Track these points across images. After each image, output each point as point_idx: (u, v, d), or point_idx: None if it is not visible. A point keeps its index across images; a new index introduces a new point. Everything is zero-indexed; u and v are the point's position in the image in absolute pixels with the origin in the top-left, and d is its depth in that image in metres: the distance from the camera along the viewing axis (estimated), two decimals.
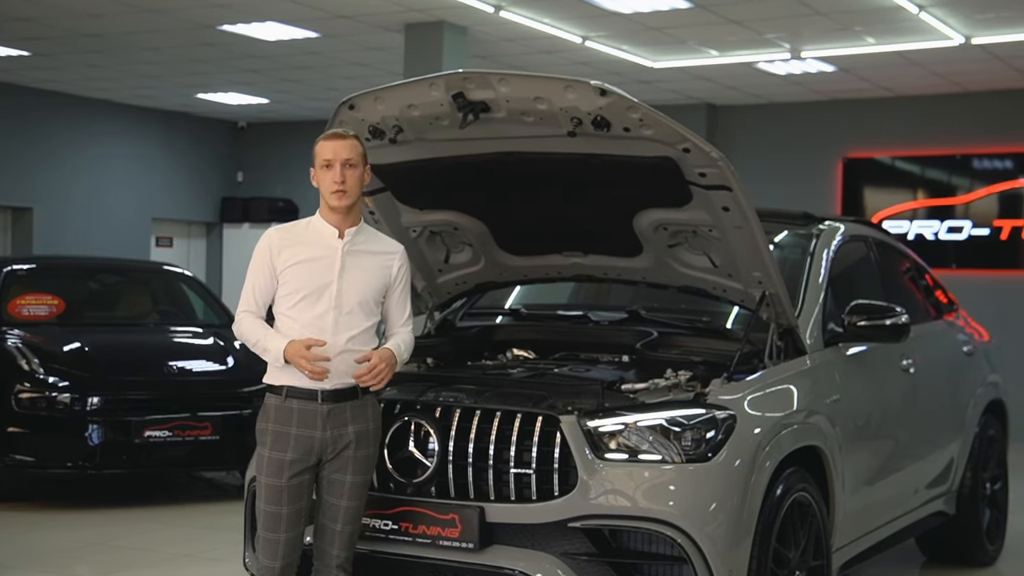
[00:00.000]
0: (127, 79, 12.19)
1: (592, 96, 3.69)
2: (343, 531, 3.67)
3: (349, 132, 3.75)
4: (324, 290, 3.63)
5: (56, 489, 7.70)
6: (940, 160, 11.70)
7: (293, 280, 3.65)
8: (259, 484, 3.66)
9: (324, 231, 3.69)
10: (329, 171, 3.64)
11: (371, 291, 3.69)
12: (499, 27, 9.32)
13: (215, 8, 9.03)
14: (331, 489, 3.66)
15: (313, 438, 3.60)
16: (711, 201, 3.98)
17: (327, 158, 3.65)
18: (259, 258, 3.69)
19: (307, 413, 3.60)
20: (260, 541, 3.66)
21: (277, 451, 3.61)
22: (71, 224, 13.16)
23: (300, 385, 3.61)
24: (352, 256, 3.68)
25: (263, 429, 3.67)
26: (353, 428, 3.65)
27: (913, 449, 5.17)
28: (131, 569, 5.76)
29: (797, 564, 3.95)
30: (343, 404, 3.63)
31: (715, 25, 9.09)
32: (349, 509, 3.67)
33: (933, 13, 8.63)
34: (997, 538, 6.07)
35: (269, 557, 3.63)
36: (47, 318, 7.91)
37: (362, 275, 3.68)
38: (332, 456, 3.64)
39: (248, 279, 3.71)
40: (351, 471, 3.65)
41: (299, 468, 3.61)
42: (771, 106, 12.38)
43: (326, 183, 3.65)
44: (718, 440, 3.68)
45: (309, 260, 3.65)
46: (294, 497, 3.62)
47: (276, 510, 3.61)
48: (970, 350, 6.07)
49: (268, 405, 3.67)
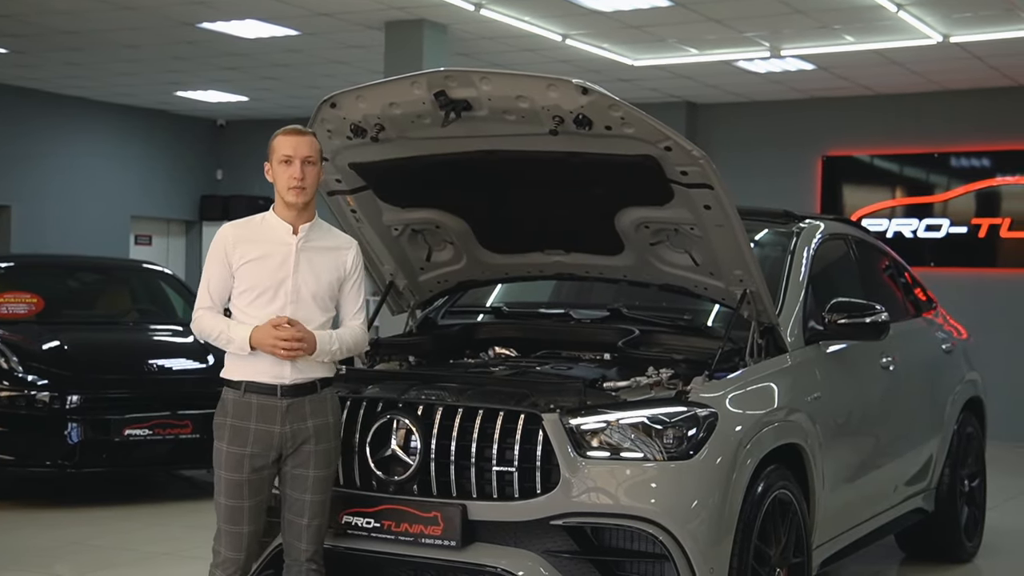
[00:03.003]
0: (106, 77, 12.13)
1: (574, 95, 3.69)
2: (310, 525, 3.67)
3: (308, 129, 3.76)
4: (280, 286, 3.64)
5: (36, 488, 7.65)
6: (919, 158, 11.76)
7: (249, 277, 3.65)
8: (218, 478, 3.66)
9: (278, 227, 3.70)
10: (288, 167, 3.65)
11: (326, 286, 3.71)
12: (480, 25, 9.31)
13: (194, 6, 8.99)
14: (294, 484, 3.67)
15: (272, 433, 3.61)
16: (692, 199, 3.99)
17: (287, 154, 3.65)
18: (214, 254, 3.69)
19: (266, 408, 3.61)
20: (223, 535, 3.67)
21: (236, 446, 3.61)
22: (50, 222, 13.08)
23: (259, 380, 3.61)
24: (306, 252, 3.69)
25: (221, 424, 3.66)
26: (312, 422, 3.65)
27: (892, 447, 5.20)
28: (111, 568, 5.73)
29: (778, 561, 3.98)
30: (302, 399, 3.64)
31: (695, 23, 9.11)
32: (314, 503, 3.67)
33: (911, 12, 8.68)
34: (975, 535, 6.11)
35: (234, 550, 3.65)
36: (26, 316, 7.86)
37: (317, 271, 3.69)
38: (292, 451, 3.64)
39: (204, 276, 3.71)
40: (313, 465, 3.66)
41: (259, 463, 3.62)
42: (751, 104, 12.43)
43: (283, 179, 3.65)
44: (699, 438, 3.70)
45: (264, 257, 3.65)
46: (255, 491, 3.63)
47: (238, 504, 3.63)
48: (949, 348, 6.11)
49: (226, 400, 3.67)
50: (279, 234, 3.68)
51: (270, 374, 3.61)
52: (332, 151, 4.26)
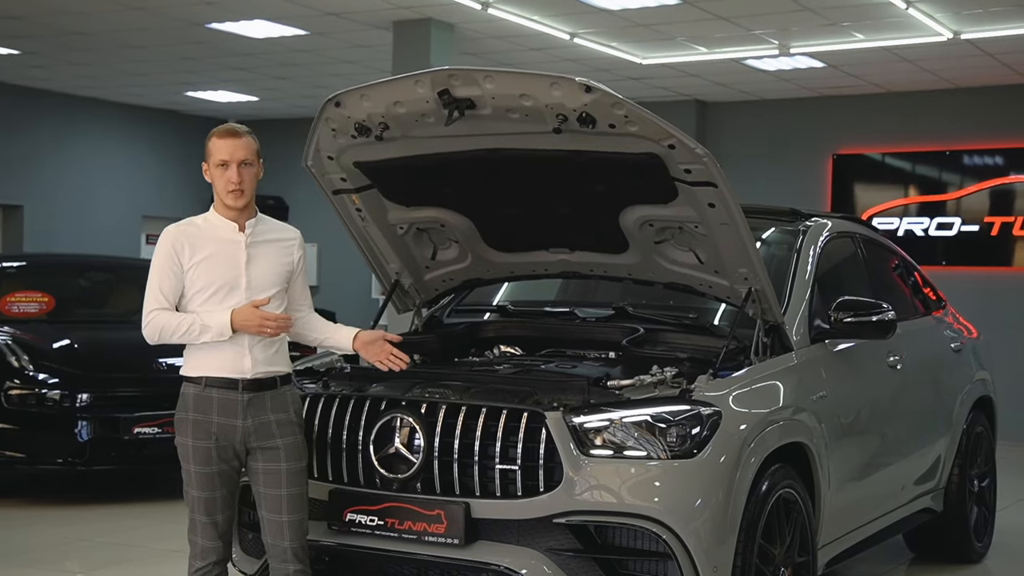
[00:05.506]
0: (116, 77, 12.17)
1: (577, 93, 3.69)
2: (291, 520, 3.68)
3: (243, 129, 3.74)
4: (235, 282, 3.66)
5: (46, 485, 7.70)
6: (930, 156, 11.71)
7: (202, 276, 3.66)
8: (188, 472, 3.68)
9: (223, 226, 3.71)
10: (225, 171, 3.65)
11: (278, 278, 3.75)
12: (487, 24, 9.31)
13: (202, 6, 9.02)
14: (268, 480, 3.68)
15: (235, 427, 3.63)
16: (696, 197, 3.98)
17: (223, 158, 3.65)
18: (162, 257, 3.67)
19: (227, 402, 3.62)
20: (198, 525, 3.69)
21: (200, 439, 3.63)
22: (61, 222, 13.14)
23: (220, 375, 3.63)
24: (255, 247, 3.72)
25: (183, 419, 3.68)
26: (274, 417, 3.68)
27: (900, 446, 5.18)
28: (120, 564, 5.76)
29: (782, 560, 3.96)
30: (263, 393, 3.66)
31: (703, 21, 9.09)
32: (291, 497, 3.68)
33: (921, 8, 8.65)
34: (985, 535, 6.08)
35: (210, 538, 3.69)
36: (37, 315, 7.91)
37: (268, 264, 3.72)
38: (258, 445, 3.66)
39: (152, 279, 3.67)
40: (284, 459, 3.68)
41: (227, 454, 3.65)
42: (761, 102, 12.40)
43: (221, 183, 3.67)
44: (703, 436, 3.69)
45: (214, 255, 3.66)
46: (225, 481, 3.68)
47: (211, 495, 3.66)
48: (958, 347, 6.08)
49: (186, 395, 3.68)
50: (225, 232, 3.70)
51: (232, 369, 3.63)
52: (337, 150, 4.26)
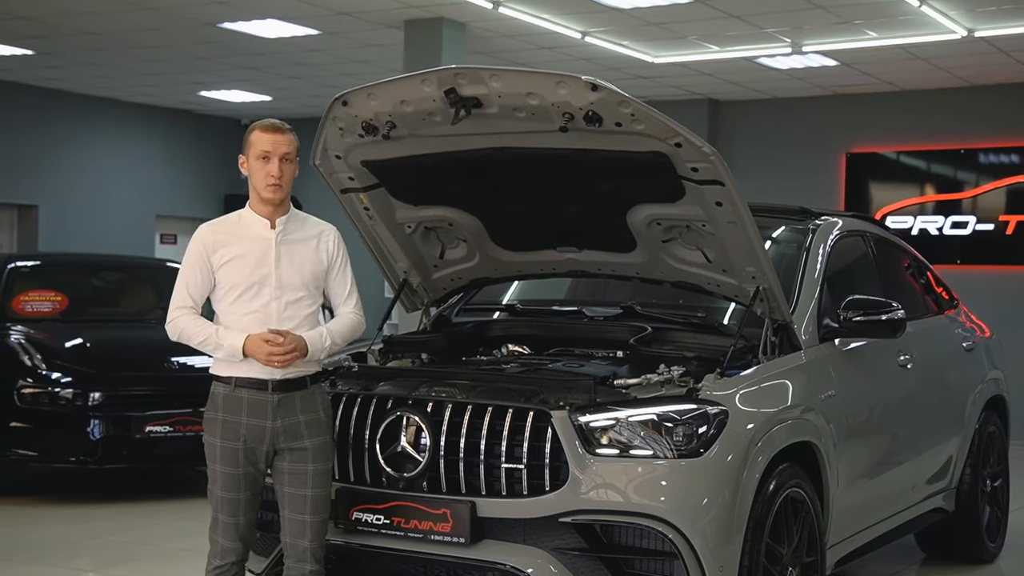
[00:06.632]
0: (129, 77, 12.22)
1: (583, 91, 3.68)
2: (312, 521, 3.68)
3: (286, 126, 3.78)
4: (264, 281, 3.66)
5: (58, 483, 7.74)
6: (944, 155, 11.64)
7: (232, 275, 3.67)
8: (214, 472, 3.68)
9: (255, 223, 3.72)
10: (266, 164, 3.68)
11: (309, 276, 3.73)
12: (498, 23, 9.31)
13: (214, 5, 9.04)
14: (294, 480, 3.68)
15: (264, 427, 3.63)
16: (704, 196, 3.97)
17: (266, 150, 3.68)
18: (194, 256, 3.69)
19: (257, 403, 3.63)
20: (220, 524, 3.69)
21: (229, 440, 3.63)
22: (76, 221, 13.20)
23: (250, 375, 3.63)
24: (285, 245, 3.72)
25: (212, 419, 3.68)
26: (303, 417, 3.68)
27: (910, 445, 5.16)
28: (131, 563, 5.78)
29: (790, 560, 3.95)
30: (292, 394, 3.66)
31: (715, 19, 9.06)
32: (316, 498, 3.69)
33: (934, 6, 8.60)
34: (997, 535, 6.05)
35: (231, 538, 3.69)
36: (50, 314, 7.96)
37: (298, 262, 3.72)
38: (286, 446, 3.66)
39: (181, 277, 3.70)
40: (311, 460, 3.68)
41: (254, 456, 3.65)
42: (774, 101, 12.35)
43: (261, 175, 3.68)
44: (710, 435, 3.68)
45: (244, 254, 3.67)
46: (251, 483, 3.68)
47: (235, 496, 3.66)
48: (970, 346, 6.05)
49: (216, 394, 3.69)
50: (257, 230, 3.71)
51: (261, 370, 3.63)
52: (344, 149, 4.27)
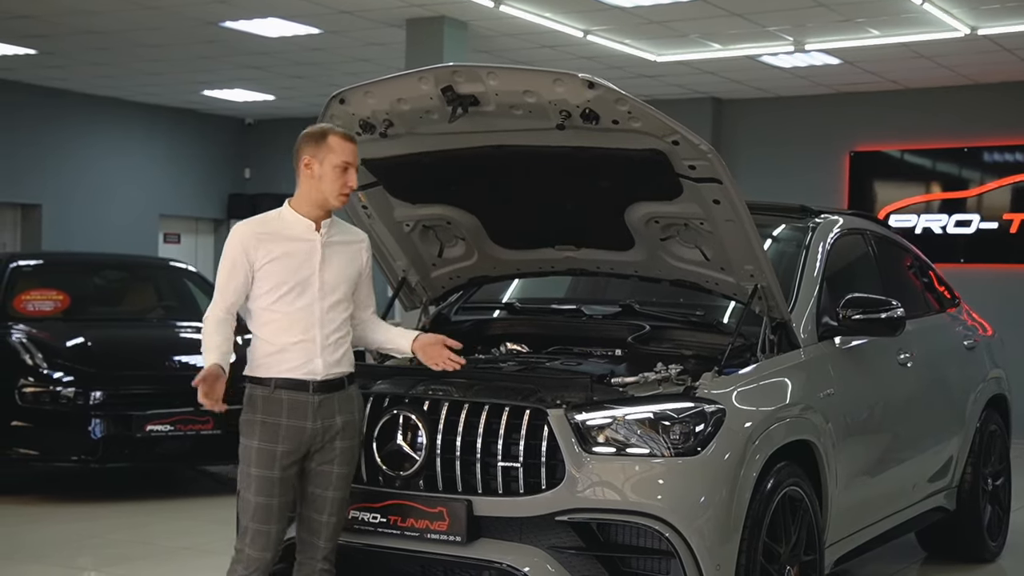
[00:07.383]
0: (133, 76, 12.23)
1: (580, 89, 3.68)
2: (329, 522, 3.68)
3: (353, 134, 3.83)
4: (307, 282, 3.65)
5: (59, 482, 7.75)
6: (948, 153, 11.61)
7: (274, 275, 3.65)
8: (247, 476, 3.63)
9: (299, 224, 3.70)
10: (344, 174, 3.67)
11: (349, 281, 3.76)
12: (500, 22, 9.30)
13: (216, 4, 9.04)
14: (318, 480, 3.67)
15: (304, 429, 3.61)
16: (701, 194, 3.96)
17: (347, 160, 3.67)
18: (233, 254, 3.66)
19: (298, 404, 3.61)
20: (250, 533, 3.62)
21: (267, 442, 3.60)
22: (79, 221, 13.22)
23: (290, 376, 3.61)
24: (330, 248, 3.72)
25: (250, 420, 3.66)
26: (340, 419, 3.68)
27: (910, 444, 5.14)
28: (132, 562, 5.78)
29: (788, 559, 3.94)
30: (331, 395, 3.66)
31: (717, 18, 9.05)
32: (336, 500, 3.68)
33: (937, 4, 8.57)
34: (999, 534, 6.03)
35: (259, 549, 3.61)
36: (52, 313, 7.97)
37: (340, 266, 3.73)
38: (319, 447, 3.65)
39: (220, 277, 3.68)
40: (338, 462, 3.67)
41: (290, 459, 3.61)
42: (777, 100, 12.33)
43: (337, 184, 3.65)
44: (707, 433, 3.67)
45: (288, 254, 3.65)
46: (286, 488, 3.63)
47: (268, 501, 3.60)
48: (971, 344, 6.03)
49: (254, 396, 3.67)
50: (301, 231, 3.68)
51: (302, 370, 3.62)
52: None
